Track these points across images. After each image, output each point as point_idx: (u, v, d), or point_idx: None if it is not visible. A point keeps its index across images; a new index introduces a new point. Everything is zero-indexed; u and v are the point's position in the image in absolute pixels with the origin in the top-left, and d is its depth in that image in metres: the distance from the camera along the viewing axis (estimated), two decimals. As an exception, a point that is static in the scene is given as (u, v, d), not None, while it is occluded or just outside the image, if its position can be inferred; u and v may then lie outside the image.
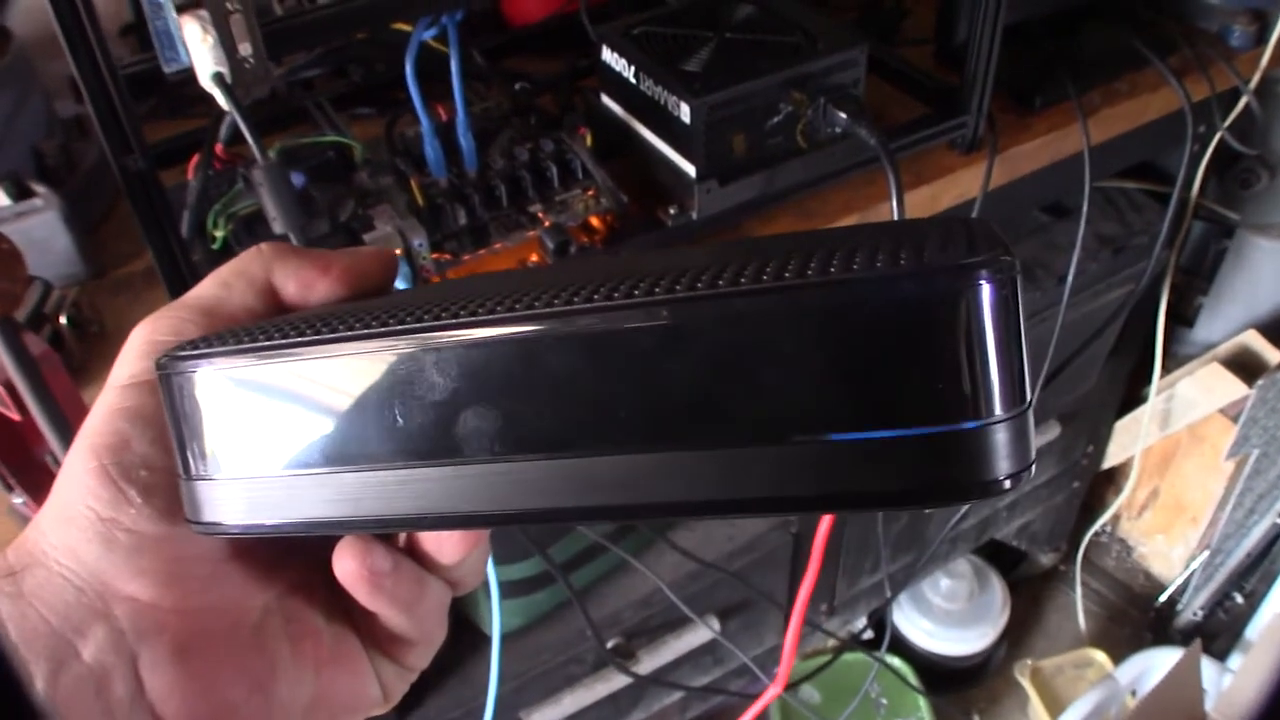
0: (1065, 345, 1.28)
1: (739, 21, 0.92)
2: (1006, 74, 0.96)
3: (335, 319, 0.29)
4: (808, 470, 0.24)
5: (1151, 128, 1.13)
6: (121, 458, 0.30)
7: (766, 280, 0.24)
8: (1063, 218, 1.34)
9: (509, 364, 0.26)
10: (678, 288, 0.25)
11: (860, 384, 0.24)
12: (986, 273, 0.23)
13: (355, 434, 0.28)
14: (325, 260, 0.35)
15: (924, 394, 0.24)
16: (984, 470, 0.24)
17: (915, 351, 0.24)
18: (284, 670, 0.33)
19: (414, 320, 0.27)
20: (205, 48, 0.66)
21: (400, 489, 0.28)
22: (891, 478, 0.24)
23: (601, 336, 0.25)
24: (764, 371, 0.24)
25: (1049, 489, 1.72)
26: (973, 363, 0.24)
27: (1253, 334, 1.53)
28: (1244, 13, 1.14)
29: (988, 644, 1.79)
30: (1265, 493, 1.64)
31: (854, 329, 0.24)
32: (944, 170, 0.99)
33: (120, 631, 0.30)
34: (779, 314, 0.24)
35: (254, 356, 0.29)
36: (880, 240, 0.26)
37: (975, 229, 0.26)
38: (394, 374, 0.27)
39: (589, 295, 0.26)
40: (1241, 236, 1.52)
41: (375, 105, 1.04)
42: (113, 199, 0.96)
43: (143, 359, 0.32)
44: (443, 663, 1.22)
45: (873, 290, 0.23)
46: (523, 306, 0.26)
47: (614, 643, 1.28)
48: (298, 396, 0.29)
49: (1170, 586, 1.89)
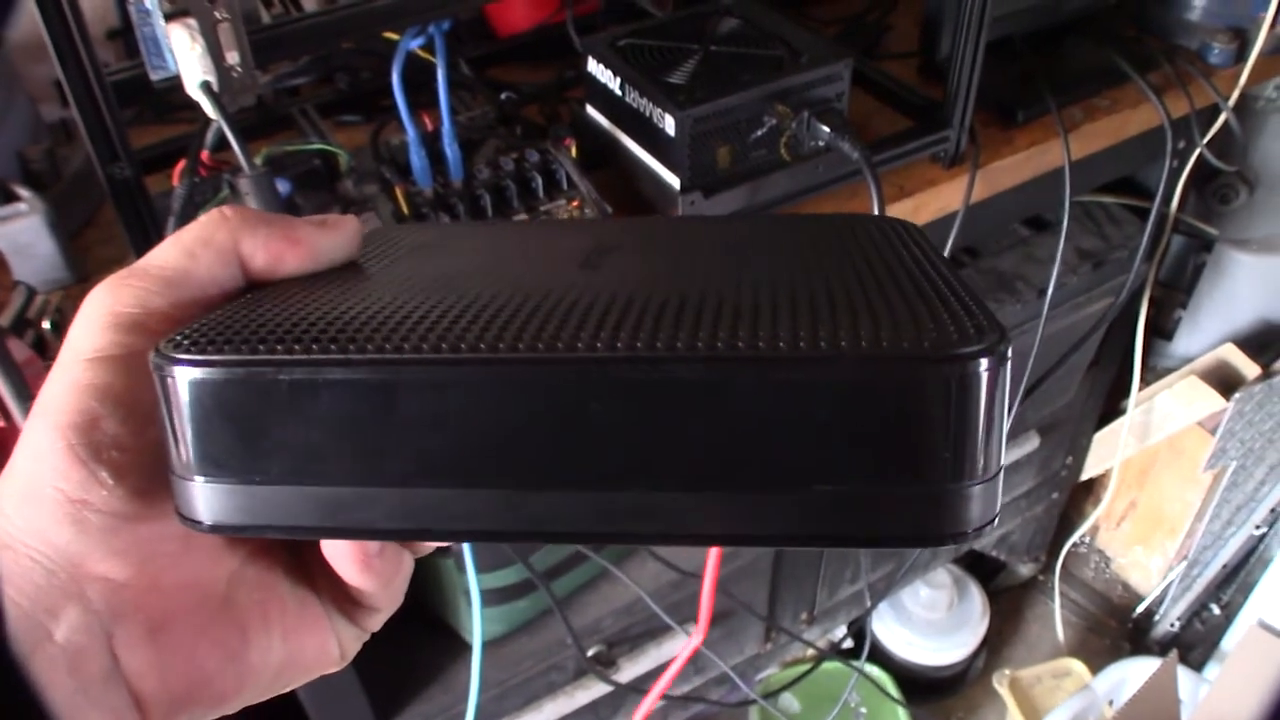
0: (1045, 358, 1.29)
1: (724, 35, 0.93)
2: (989, 89, 0.97)
3: (355, 329, 0.29)
4: (816, 515, 0.27)
5: (1132, 143, 1.14)
6: (91, 438, 0.29)
7: (805, 348, 0.26)
8: (1043, 231, 1.35)
9: (527, 403, 0.27)
10: (719, 344, 0.26)
11: (872, 446, 0.27)
12: (988, 360, 0.26)
13: (361, 454, 0.28)
14: (293, 232, 0.34)
15: (923, 458, 0.27)
16: (959, 523, 0.27)
17: (919, 422, 0.27)
18: (255, 637, 0.32)
19: (431, 347, 0.28)
20: (193, 56, 0.66)
21: (413, 507, 0.29)
22: (882, 525, 0.27)
23: (651, 385, 0.27)
24: (794, 428, 0.27)
25: (1028, 500, 1.73)
26: (966, 435, 0.27)
27: (1230, 348, 1.54)
28: (1223, 30, 1.15)
29: (967, 653, 1.80)
30: (1242, 504, 1.66)
31: (875, 398, 0.26)
32: (926, 183, 0.99)
33: (94, 612, 0.29)
34: (817, 381, 0.26)
35: (269, 367, 0.28)
36: (876, 282, 0.29)
37: (970, 301, 0.29)
38: (413, 402, 0.28)
39: (633, 338, 0.27)
40: (1220, 251, 1.53)
41: (361, 113, 1.04)
42: (98, 204, 0.96)
43: (106, 331, 0.31)
44: (424, 670, 1.22)
45: (898, 369, 0.26)
46: (564, 344, 0.27)
47: (595, 651, 1.28)
48: (312, 414, 0.28)
49: (1148, 597, 1.90)
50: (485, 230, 0.41)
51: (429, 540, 0.33)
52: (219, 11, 0.66)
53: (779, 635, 1.54)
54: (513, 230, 0.40)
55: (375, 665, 1.15)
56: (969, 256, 1.31)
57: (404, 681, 1.21)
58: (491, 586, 1.15)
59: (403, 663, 1.22)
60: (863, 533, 0.28)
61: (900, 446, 0.27)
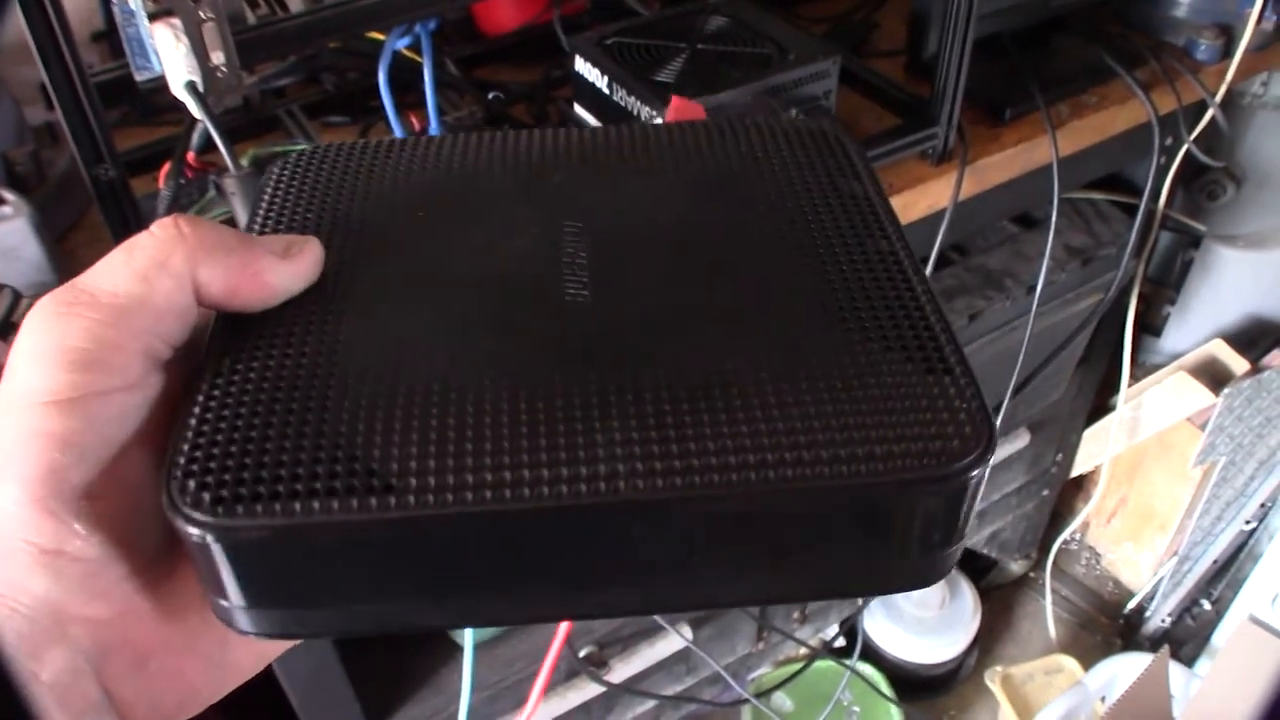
0: (1034, 355, 1.29)
1: (711, 33, 0.92)
2: (976, 86, 0.97)
3: (375, 452, 0.29)
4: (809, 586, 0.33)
5: (1119, 140, 1.14)
6: (60, 490, 0.28)
7: (810, 474, 0.28)
8: (1032, 228, 1.35)
9: (558, 538, 0.29)
10: (751, 476, 0.28)
11: (880, 536, 0.30)
12: (977, 471, 0.29)
13: (389, 584, 0.30)
14: (253, 264, 0.32)
15: (918, 546, 0.30)
16: (943, 571, 0.31)
17: (916, 527, 0.30)
18: (234, 640, 0.32)
19: (452, 496, 0.28)
20: (178, 56, 0.66)
21: (451, 611, 0.31)
22: (884, 584, 0.32)
23: (670, 514, 0.29)
24: (795, 542, 0.30)
25: (1019, 497, 1.73)
26: (958, 519, 0.30)
27: (1219, 343, 1.54)
28: (1210, 27, 1.15)
29: (959, 651, 1.80)
30: (1232, 500, 1.66)
31: (867, 520, 0.30)
32: (915, 181, 0.99)
33: (80, 650, 0.28)
34: (808, 515, 0.29)
35: (291, 523, 0.27)
36: (872, 375, 0.31)
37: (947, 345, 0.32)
38: (435, 543, 0.29)
39: (611, 475, 0.28)
40: (1208, 247, 1.54)
41: (348, 114, 1.03)
42: (84, 207, 0.96)
43: (62, 371, 0.28)
44: (416, 672, 1.22)
45: (894, 489, 0.29)
46: (567, 489, 0.28)
47: (586, 651, 1.28)
48: (335, 561, 0.29)
49: (1139, 593, 1.91)
50: (419, 191, 0.39)
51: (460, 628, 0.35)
52: (203, 11, 0.65)
53: (771, 634, 1.53)
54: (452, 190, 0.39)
55: (367, 668, 1.14)
56: (958, 254, 1.31)
57: (395, 684, 1.20)
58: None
59: (394, 665, 1.22)
60: (858, 591, 0.32)
61: (899, 543, 0.30)
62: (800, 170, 0.39)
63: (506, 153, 0.41)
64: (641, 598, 0.31)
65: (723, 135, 0.42)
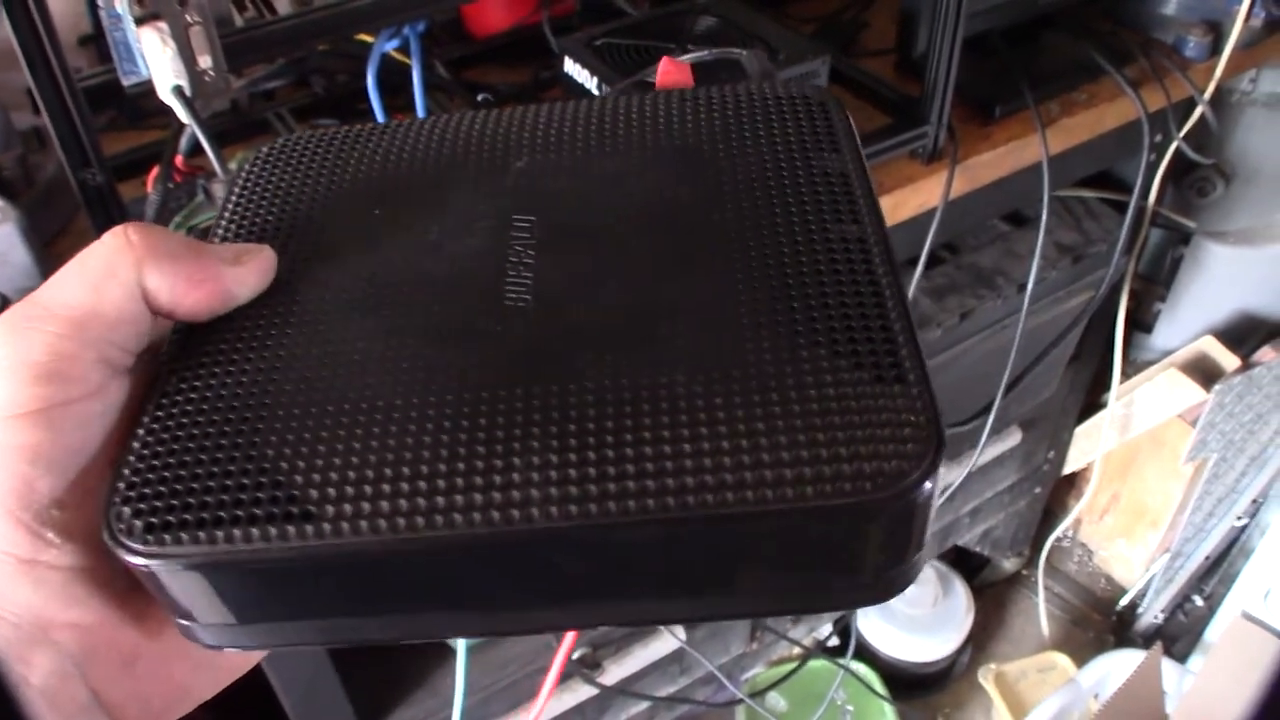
0: (1026, 353, 1.29)
1: (700, 33, 0.92)
2: (966, 84, 0.97)
3: (298, 479, 0.29)
4: (764, 604, 0.32)
5: (1109, 137, 1.14)
6: (30, 502, 0.29)
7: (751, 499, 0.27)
8: (1022, 226, 1.35)
9: (485, 567, 0.29)
10: (648, 503, 0.28)
11: (825, 563, 0.29)
12: (930, 481, 0.28)
13: (341, 599, 0.30)
14: (202, 269, 0.33)
15: (874, 561, 0.29)
16: (903, 584, 0.30)
17: (864, 544, 0.29)
18: None
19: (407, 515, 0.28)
20: (164, 60, 0.66)
21: (405, 625, 0.31)
22: (838, 602, 0.31)
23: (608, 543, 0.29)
24: (741, 563, 0.29)
25: (1011, 495, 1.74)
26: (910, 536, 0.29)
27: (1210, 339, 1.55)
28: (1199, 24, 1.15)
29: (952, 649, 1.80)
30: (1224, 496, 1.66)
31: (821, 532, 0.29)
32: (905, 180, 0.99)
33: (66, 654, 0.29)
34: (766, 530, 0.28)
35: (233, 554, 0.28)
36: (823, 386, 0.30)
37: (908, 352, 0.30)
38: (386, 564, 0.29)
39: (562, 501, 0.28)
40: (1198, 243, 1.54)
41: (337, 116, 1.03)
42: (72, 212, 0.95)
43: (25, 385, 0.29)
44: (409, 675, 1.21)
45: (838, 513, 0.28)
46: (520, 514, 0.28)
47: (580, 653, 1.28)
48: (282, 580, 0.29)
49: (1131, 590, 1.91)
50: (382, 181, 0.39)
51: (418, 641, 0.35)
52: (190, 15, 0.65)
53: (765, 634, 1.53)
54: (415, 185, 0.39)
55: (359, 671, 1.14)
56: (949, 252, 1.31)
57: (388, 687, 1.20)
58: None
59: (387, 668, 1.22)
60: (814, 608, 0.31)
61: (845, 566, 0.30)
62: (774, 145, 0.38)
63: (473, 137, 0.41)
64: (570, 617, 0.31)
65: (698, 107, 0.40)
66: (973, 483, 1.60)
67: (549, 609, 0.31)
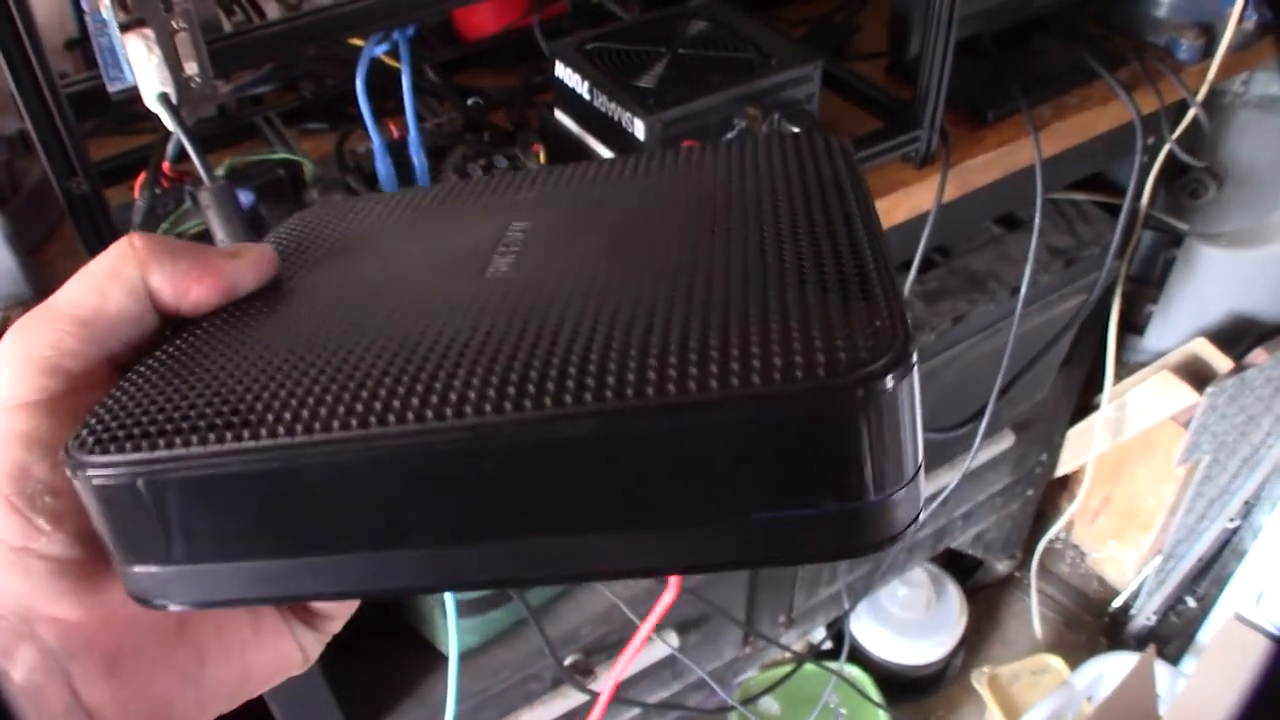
0: (1019, 356, 1.29)
1: (692, 37, 0.92)
2: (959, 88, 0.97)
3: (255, 402, 0.29)
4: (738, 543, 0.28)
5: (1101, 140, 1.14)
6: (24, 487, 0.30)
7: (694, 390, 0.26)
8: (1015, 230, 1.35)
9: (454, 468, 0.28)
10: (609, 393, 0.26)
11: (784, 475, 0.26)
12: (893, 376, 0.25)
13: (293, 532, 0.29)
14: (201, 265, 0.34)
15: (840, 480, 0.27)
16: (886, 530, 0.27)
17: (831, 446, 0.26)
18: (211, 658, 0.33)
19: (323, 427, 0.28)
20: (150, 67, 0.65)
21: (346, 570, 0.30)
22: (809, 544, 0.27)
23: (550, 444, 0.27)
24: (700, 468, 0.27)
25: (1004, 497, 1.73)
26: (880, 450, 0.26)
27: (1202, 341, 1.55)
28: (1191, 26, 1.15)
29: (945, 652, 1.80)
30: (1216, 498, 1.66)
31: (777, 432, 0.26)
32: (898, 184, 0.99)
33: (49, 651, 0.29)
34: (715, 425, 0.26)
35: (170, 464, 0.28)
36: (789, 278, 0.29)
37: (879, 281, 0.29)
38: (330, 480, 0.28)
39: (535, 398, 0.27)
40: (1190, 246, 1.54)
41: (326, 121, 1.02)
42: (58, 217, 0.94)
43: (30, 377, 0.31)
44: (400, 683, 1.21)
45: (794, 403, 0.25)
46: (462, 402, 0.27)
47: (571, 660, 1.27)
48: (229, 502, 0.29)
49: (1124, 592, 1.91)
50: (398, 218, 0.41)
51: (355, 599, 0.34)
52: (176, 21, 0.64)
53: (757, 639, 1.53)
54: (426, 215, 0.41)
55: (350, 680, 1.13)
56: (941, 256, 1.31)
57: (380, 695, 1.19)
58: (467, 597, 1.14)
59: (378, 676, 1.21)
60: (785, 555, 0.28)
61: (807, 475, 0.27)
62: (770, 161, 0.38)
63: (483, 200, 0.42)
64: (513, 557, 0.29)
65: (702, 151, 0.41)
66: (966, 486, 1.60)
67: (492, 545, 0.29)
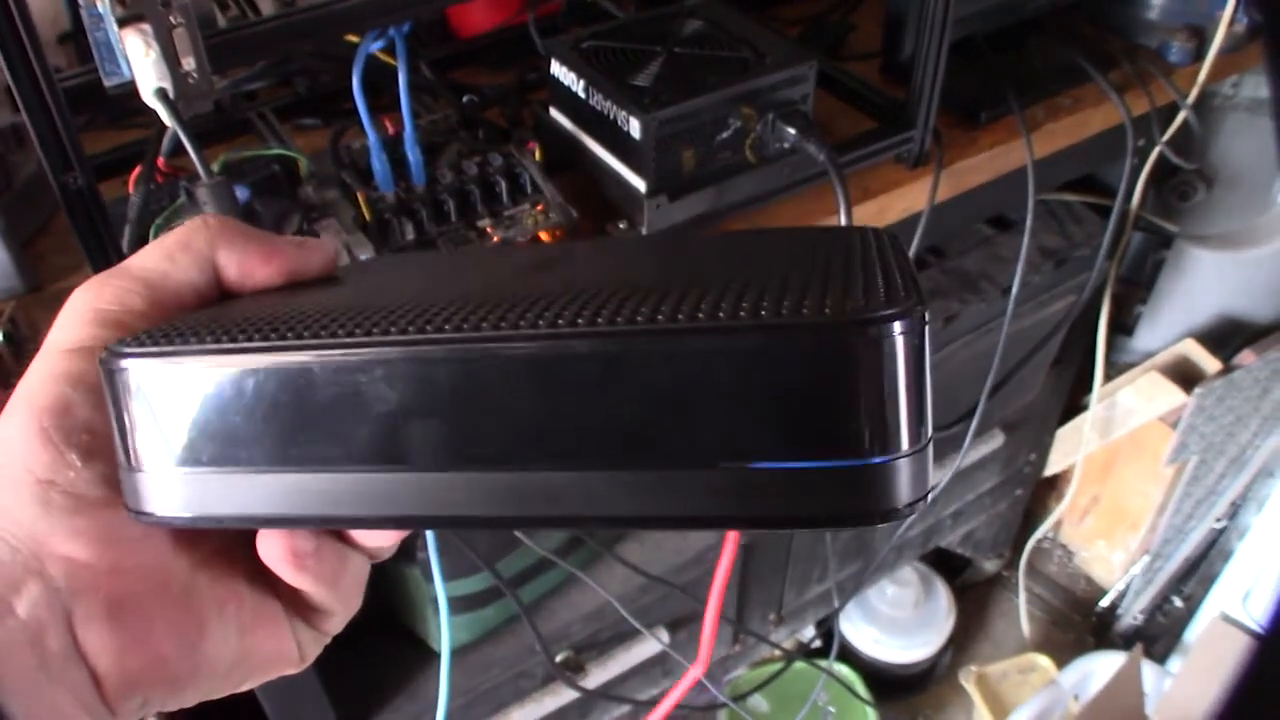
0: (1010, 356, 1.30)
1: (688, 37, 0.92)
2: (952, 89, 0.97)
3: (285, 324, 0.30)
4: (731, 493, 0.26)
5: (1093, 142, 1.15)
6: (64, 421, 0.31)
7: (703, 319, 0.26)
8: (1007, 230, 1.36)
9: (456, 381, 0.28)
10: (619, 319, 0.26)
11: (782, 420, 0.26)
12: (901, 324, 0.25)
13: (302, 439, 0.29)
14: (269, 249, 0.36)
15: (840, 431, 0.26)
16: (888, 499, 0.26)
17: (833, 392, 0.25)
18: (211, 629, 0.33)
19: (363, 332, 0.28)
20: (147, 62, 0.65)
21: (345, 492, 0.30)
22: (805, 503, 0.26)
23: (548, 361, 0.27)
24: (698, 403, 0.26)
25: (993, 497, 1.74)
26: (885, 404, 0.26)
27: (1191, 343, 1.55)
28: (1182, 29, 1.15)
29: (934, 650, 1.81)
30: (1203, 498, 1.67)
31: (779, 369, 0.25)
32: (891, 184, 0.99)
33: (55, 589, 0.30)
34: (715, 351, 0.26)
35: (194, 359, 0.29)
36: (808, 272, 0.28)
37: (895, 263, 0.29)
38: (343, 384, 0.28)
39: (537, 318, 0.27)
40: (1180, 247, 1.55)
41: (321, 117, 1.02)
42: (51, 211, 0.94)
43: (86, 325, 0.33)
44: (391, 679, 1.21)
45: (798, 336, 0.25)
46: (470, 326, 0.28)
47: (563, 656, 1.27)
48: (246, 400, 0.29)
49: (1111, 591, 1.92)
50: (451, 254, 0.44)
51: (352, 528, 0.34)
52: (173, 16, 0.64)
53: (747, 637, 1.53)
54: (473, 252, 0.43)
55: (342, 675, 1.13)
56: (934, 256, 1.31)
57: (371, 691, 1.19)
58: (458, 594, 1.14)
59: (370, 672, 1.21)
60: (781, 513, 0.26)
61: (810, 419, 0.26)
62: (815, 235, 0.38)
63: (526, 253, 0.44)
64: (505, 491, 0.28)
65: None
66: (955, 485, 1.61)
67: (489, 475, 0.28)
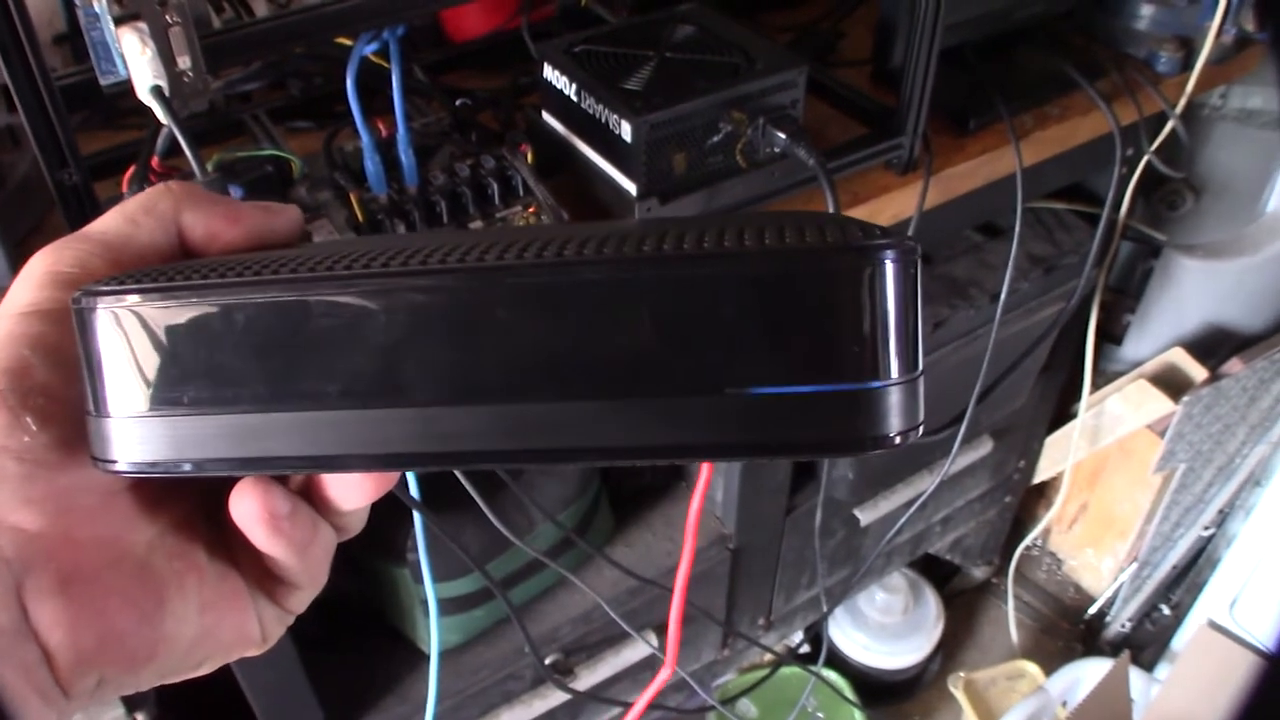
0: (998, 363, 1.30)
1: (679, 41, 0.93)
2: (942, 96, 0.98)
3: (257, 264, 0.30)
4: (731, 421, 0.27)
5: (1081, 150, 1.16)
6: (21, 384, 0.30)
7: (709, 247, 0.27)
8: (995, 237, 1.36)
9: (462, 312, 0.28)
10: (625, 249, 0.27)
11: (784, 344, 0.27)
12: (894, 253, 0.26)
13: (275, 377, 0.29)
14: (234, 212, 0.35)
15: (837, 354, 0.27)
16: (881, 425, 0.27)
17: (832, 316, 0.26)
18: (171, 605, 0.32)
19: (361, 267, 0.28)
20: (144, 61, 0.65)
21: (341, 431, 0.29)
22: (803, 430, 0.27)
23: (557, 288, 0.27)
24: (705, 329, 0.27)
25: (982, 504, 1.75)
26: (878, 330, 0.26)
27: (1178, 351, 1.56)
28: (1171, 39, 1.16)
29: (922, 657, 1.81)
30: (1191, 506, 1.68)
31: (781, 293, 0.26)
32: (880, 190, 1.00)
33: (4, 560, 0.29)
34: (722, 277, 0.26)
35: (174, 296, 0.29)
36: (804, 220, 0.29)
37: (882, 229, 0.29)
38: (339, 318, 0.28)
39: (542, 249, 0.27)
40: (1168, 256, 1.56)
41: (314, 119, 1.03)
42: (45, 210, 0.95)
43: (44, 288, 0.32)
44: (380, 681, 1.21)
45: (797, 261, 0.26)
46: (474, 258, 0.27)
47: (552, 659, 1.28)
48: (217, 338, 0.29)
49: (1099, 599, 1.93)
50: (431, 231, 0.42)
51: (336, 469, 0.33)
52: (170, 16, 0.65)
53: (736, 641, 1.54)
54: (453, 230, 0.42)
55: (331, 676, 1.14)
56: (923, 262, 1.32)
57: (360, 693, 1.20)
58: (448, 595, 1.14)
59: (359, 674, 1.21)
60: (779, 440, 0.27)
61: (806, 342, 0.27)
62: None
63: None
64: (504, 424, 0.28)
65: None
66: (944, 491, 1.61)
67: (483, 409, 0.28)
